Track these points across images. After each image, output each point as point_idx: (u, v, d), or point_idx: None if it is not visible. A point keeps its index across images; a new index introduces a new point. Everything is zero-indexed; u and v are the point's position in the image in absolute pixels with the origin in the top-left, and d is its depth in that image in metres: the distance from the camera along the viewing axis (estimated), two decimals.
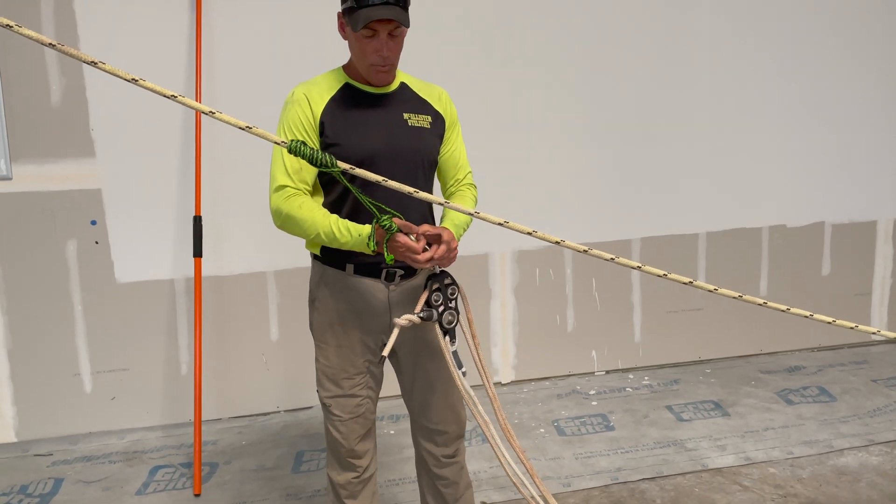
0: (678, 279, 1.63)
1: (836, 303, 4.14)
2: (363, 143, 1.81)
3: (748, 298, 1.64)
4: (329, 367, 1.96)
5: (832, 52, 3.92)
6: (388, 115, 1.86)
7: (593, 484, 2.77)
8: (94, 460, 3.12)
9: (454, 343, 1.84)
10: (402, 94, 1.92)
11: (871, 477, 2.77)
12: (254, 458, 3.08)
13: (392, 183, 1.55)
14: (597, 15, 3.61)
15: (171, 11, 3.13)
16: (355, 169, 1.54)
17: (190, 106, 1.34)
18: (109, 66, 1.26)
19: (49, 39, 1.19)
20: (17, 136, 3.05)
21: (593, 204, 3.76)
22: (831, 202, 4.07)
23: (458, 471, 2.08)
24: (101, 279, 3.22)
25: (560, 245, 1.60)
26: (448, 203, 1.68)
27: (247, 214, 3.30)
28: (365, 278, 1.89)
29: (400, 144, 1.85)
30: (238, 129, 1.34)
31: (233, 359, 3.41)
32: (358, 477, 2.01)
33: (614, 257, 1.66)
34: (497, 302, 3.72)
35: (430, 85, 1.99)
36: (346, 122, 1.82)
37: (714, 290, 1.65)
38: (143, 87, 1.26)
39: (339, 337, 1.94)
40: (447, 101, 1.99)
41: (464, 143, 2.05)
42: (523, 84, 3.57)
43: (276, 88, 3.21)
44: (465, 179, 2.05)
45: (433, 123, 1.92)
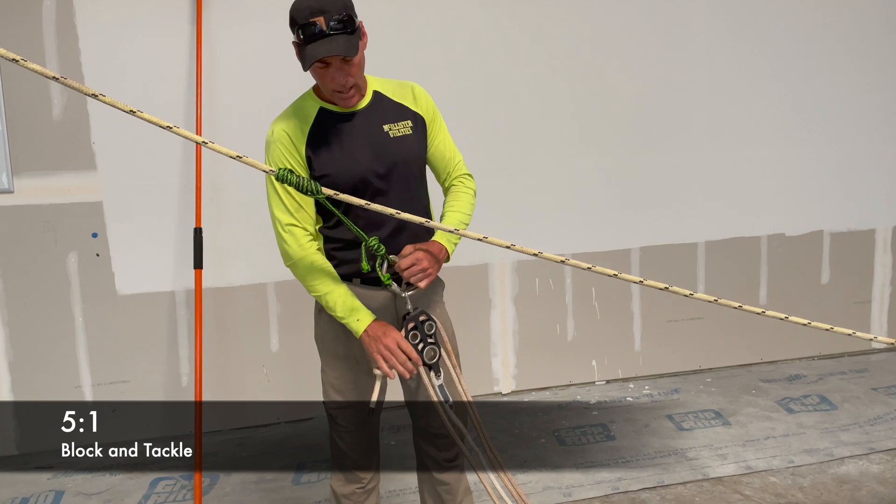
0: (679, 292, 1.64)
1: (836, 311, 4.14)
2: (352, 169, 1.80)
3: (748, 308, 1.65)
4: (335, 378, 1.96)
5: (830, 61, 3.94)
6: (369, 133, 1.84)
7: (594, 494, 2.77)
8: (94, 473, 3.12)
9: (440, 377, 1.83)
10: (378, 105, 1.87)
11: (872, 485, 2.77)
12: (254, 469, 3.08)
13: (375, 206, 1.58)
14: (596, 25, 3.63)
15: (172, 20, 3.15)
16: (339, 195, 1.57)
17: (186, 137, 1.41)
18: (109, 99, 1.31)
19: (52, 73, 1.25)
20: (18, 149, 3.07)
21: (593, 214, 3.77)
22: (830, 211, 4.08)
23: (458, 476, 2.09)
24: (102, 291, 3.22)
25: (538, 257, 1.62)
26: (429, 222, 1.71)
27: (247, 226, 3.31)
28: (369, 288, 1.89)
29: (387, 160, 1.83)
30: (229, 157, 1.39)
31: (233, 370, 3.41)
32: (362, 488, 2.02)
33: (616, 273, 1.67)
34: (497, 312, 3.72)
35: (402, 84, 1.93)
36: (329, 150, 1.80)
37: (714, 301, 1.66)
38: (141, 118, 1.32)
39: (343, 348, 1.94)
40: (422, 97, 1.93)
41: (447, 131, 2.00)
42: (522, 94, 3.59)
43: (276, 95, 3.23)
44: (456, 171, 2.01)
45: (414, 127, 1.89)
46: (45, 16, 3.03)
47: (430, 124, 1.94)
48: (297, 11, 1.67)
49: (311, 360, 2.06)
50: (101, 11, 3.08)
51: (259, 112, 3.16)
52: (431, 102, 1.96)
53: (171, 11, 3.15)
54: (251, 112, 3.22)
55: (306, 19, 1.64)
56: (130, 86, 3.13)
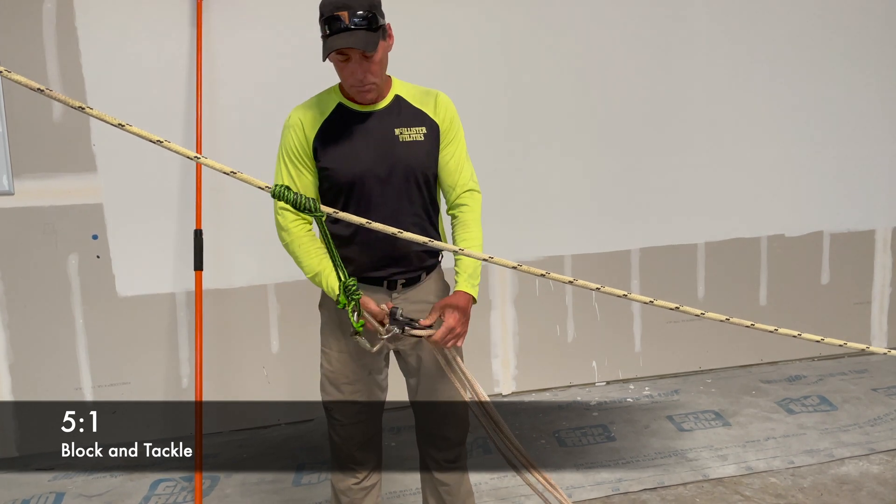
0: (665, 305, 1.63)
1: (836, 312, 4.14)
2: (352, 165, 1.83)
3: (735, 321, 1.65)
4: (331, 372, 1.99)
5: (830, 62, 3.95)
6: (379, 133, 1.86)
7: (594, 495, 2.77)
8: (95, 474, 3.12)
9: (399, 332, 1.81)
10: (396, 108, 1.89)
11: (872, 486, 2.77)
12: (255, 470, 3.08)
13: (376, 225, 1.57)
14: (596, 25, 3.64)
15: (172, 24, 3.16)
16: (339, 213, 1.58)
17: (177, 152, 1.41)
18: (97, 112, 1.33)
19: (37, 85, 1.25)
20: (19, 151, 3.07)
21: (592, 215, 3.77)
22: (830, 212, 4.08)
23: (460, 477, 2.10)
24: (103, 293, 3.23)
25: (518, 269, 1.61)
26: (434, 242, 1.66)
27: (248, 228, 3.32)
28: (367, 287, 1.91)
29: (390, 162, 1.84)
30: (223, 173, 1.40)
31: (234, 372, 3.42)
32: (358, 483, 2.04)
33: (599, 287, 1.66)
34: (497, 313, 3.73)
35: (427, 92, 1.94)
36: (336, 144, 1.84)
37: (701, 315, 1.66)
38: (129, 132, 1.33)
39: (340, 342, 1.97)
40: (443, 106, 1.92)
41: (464, 145, 1.97)
42: (522, 95, 3.59)
43: (276, 98, 3.24)
44: (461, 186, 1.96)
45: (427, 135, 1.89)
46: (45, 19, 3.03)
47: (445, 133, 1.92)
48: (324, 6, 1.73)
49: (311, 362, 2.07)
50: (102, 15, 3.08)
51: (259, 115, 3.21)
52: (452, 112, 1.94)
53: (172, 15, 3.16)
54: (252, 115, 3.23)
55: (331, 13, 1.70)
56: (131, 89, 3.13)
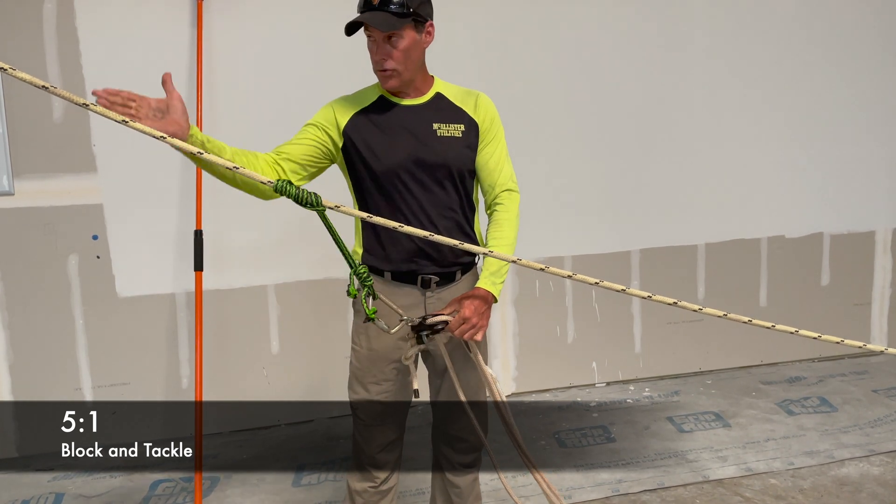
0: (663, 300, 1.63)
1: (836, 313, 4.15)
2: (386, 155, 1.84)
3: (732, 317, 1.64)
4: (359, 370, 1.99)
5: (830, 63, 3.95)
6: (417, 126, 1.87)
7: (594, 496, 2.77)
8: (95, 475, 3.12)
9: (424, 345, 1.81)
10: (436, 103, 1.91)
11: (873, 487, 2.77)
12: (255, 471, 3.08)
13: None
14: (597, 27, 3.64)
15: (173, 23, 3.15)
16: (341, 207, 1.55)
17: (180, 148, 1.44)
18: (101, 108, 1.35)
19: (42, 82, 1.28)
20: (19, 151, 3.07)
21: (592, 215, 3.77)
22: (829, 213, 4.09)
23: (472, 482, 2.11)
24: (103, 293, 3.23)
25: (517, 263, 1.61)
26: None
27: (248, 228, 3.31)
28: (401, 285, 1.91)
29: (425, 156, 1.84)
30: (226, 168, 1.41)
31: (233, 372, 3.41)
32: (375, 487, 2.03)
33: (598, 281, 1.66)
34: (497, 314, 3.72)
35: (468, 92, 1.95)
36: (371, 134, 1.85)
37: (699, 310, 1.66)
38: (133, 128, 1.34)
39: (370, 341, 1.96)
40: (483, 106, 1.93)
41: (504, 145, 1.96)
42: (521, 96, 3.59)
43: (277, 96, 3.24)
44: (500, 185, 1.94)
45: (465, 132, 1.89)
46: (45, 18, 3.03)
47: (484, 133, 1.92)
48: None
49: (311, 362, 2.07)
50: (102, 15, 3.08)
51: (259, 114, 3.20)
52: (493, 112, 1.95)
53: (172, 15, 3.16)
54: (252, 114, 3.23)
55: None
56: (131, 89, 3.12)
